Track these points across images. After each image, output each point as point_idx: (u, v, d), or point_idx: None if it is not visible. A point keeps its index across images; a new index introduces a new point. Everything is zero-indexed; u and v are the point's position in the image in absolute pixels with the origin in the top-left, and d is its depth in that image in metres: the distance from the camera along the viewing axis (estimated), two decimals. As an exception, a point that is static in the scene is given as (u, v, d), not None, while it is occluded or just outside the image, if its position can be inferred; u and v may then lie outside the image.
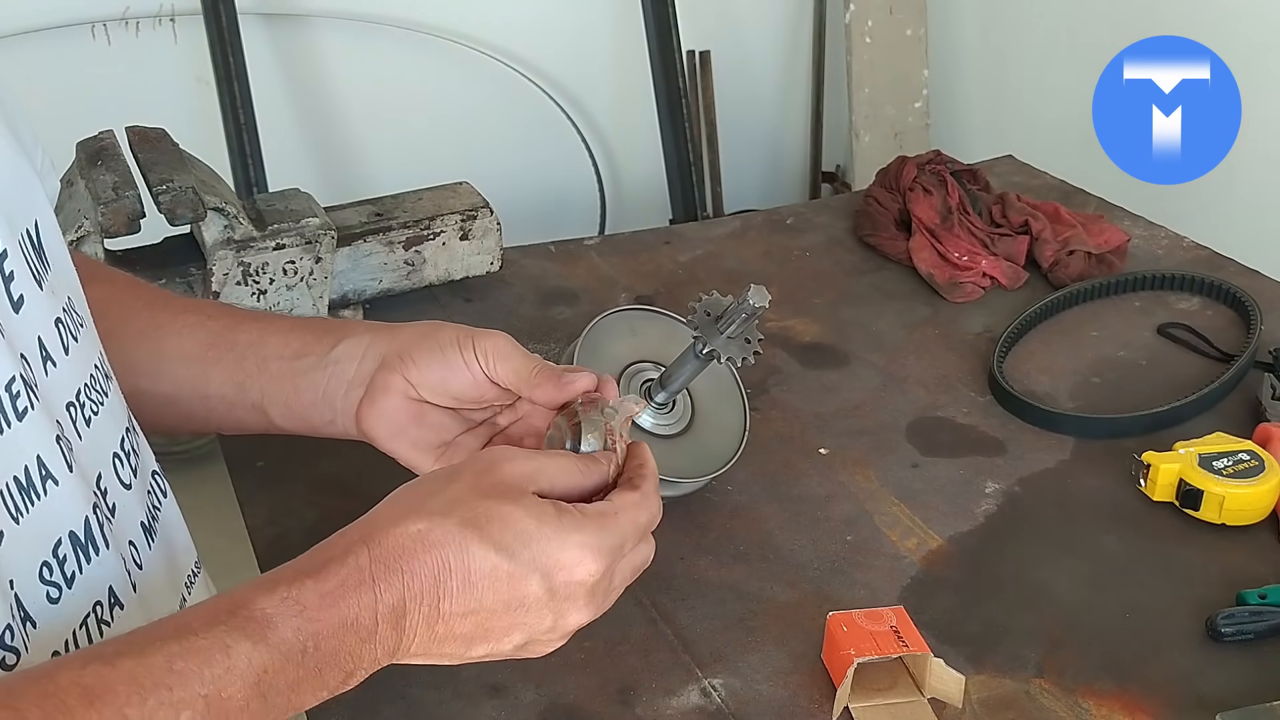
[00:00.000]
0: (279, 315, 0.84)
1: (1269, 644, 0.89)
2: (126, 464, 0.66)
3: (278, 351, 0.79)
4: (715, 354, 0.92)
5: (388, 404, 0.77)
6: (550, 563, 0.61)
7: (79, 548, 0.58)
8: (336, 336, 0.79)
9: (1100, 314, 1.33)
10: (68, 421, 0.61)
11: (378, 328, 0.80)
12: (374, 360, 0.77)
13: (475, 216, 1.32)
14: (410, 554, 0.59)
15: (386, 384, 0.77)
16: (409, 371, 0.76)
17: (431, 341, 0.77)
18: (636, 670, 0.88)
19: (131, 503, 0.65)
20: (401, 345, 0.77)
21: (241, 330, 0.81)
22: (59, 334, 0.62)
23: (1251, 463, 1.01)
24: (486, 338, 0.76)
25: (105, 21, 2.28)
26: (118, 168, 1.13)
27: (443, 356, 0.76)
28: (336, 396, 0.78)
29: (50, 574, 0.56)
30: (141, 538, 0.66)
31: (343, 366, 0.78)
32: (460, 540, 0.60)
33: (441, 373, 0.76)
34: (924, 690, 0.84)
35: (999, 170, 1.64)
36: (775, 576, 0.96)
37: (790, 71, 2.90)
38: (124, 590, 0.62)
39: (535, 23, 2.60)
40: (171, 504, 0.72)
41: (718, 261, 1.45)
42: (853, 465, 1.09)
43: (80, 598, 0.58)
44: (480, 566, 0.60)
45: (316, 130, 2.53)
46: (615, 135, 2.77)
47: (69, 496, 0.58)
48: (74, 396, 0.62)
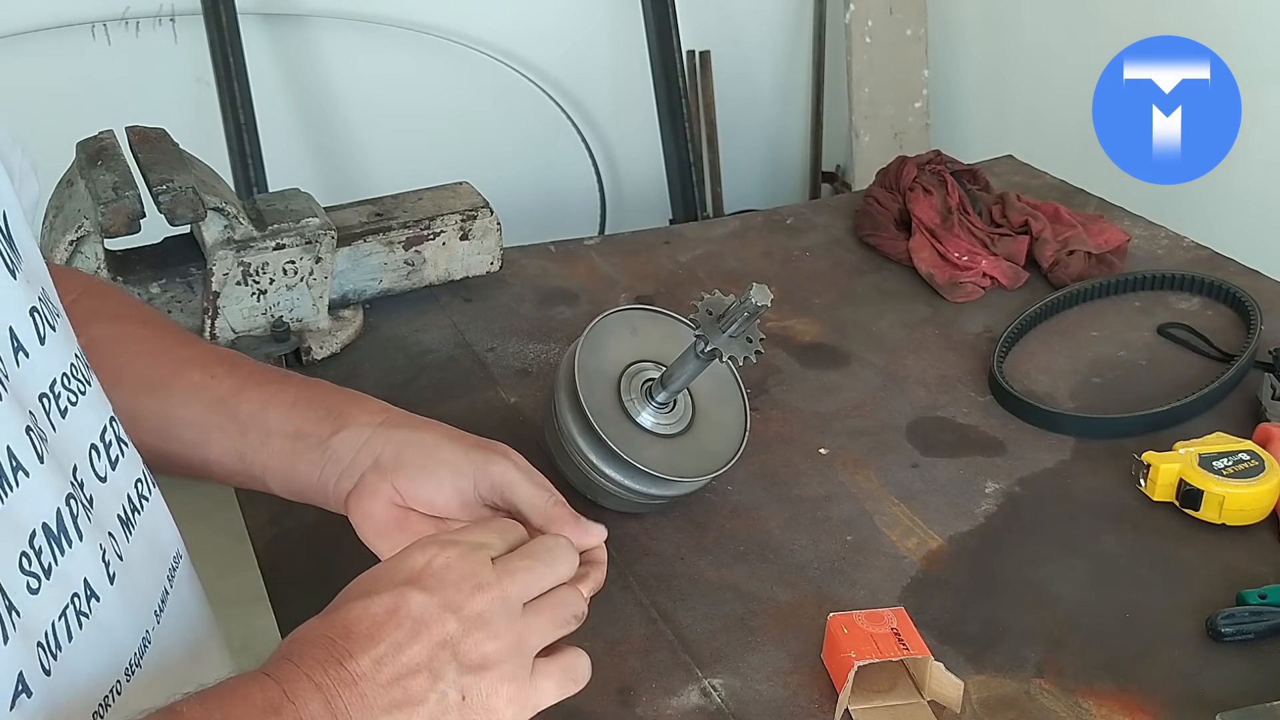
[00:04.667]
0: (283, 379, 0.83)
1: (1269, 644, 0.89)
2: (105, 456, 0.65)
3: (279, 428, 0.80)
4: (717, 353, 0.93)
5: (374, 506, 0.77)
6: (407, 569, 0.63)
7: (52, 540, 0.58)
8: (338, 422, 0.79)
9: (1100, 314, 1.33)
10: (41, 412, 0.61)
11: (380, 417, 0.80)
12: (368, 458, 0.78)
13: (475, 216, 1.32)
14: (296, 645, 0.61)
15: (375, 488, 0.77)
16: (398, 481, 0.76)
17: (429, 457, 0.77)
18: (636, 670, 0.87)
19: (109, 495, 0.65)
20: (397, 451, 0.77)
21: (245, 398, 0.81)
22: (34, 323, 0.62)
23: (1251, 463, 1.01)
24: (492, 466, 0.76)
25: (105, 21, 2.28)
26: (118, 168, 1.13)
27: (434, 478, 0.76)
28: (330, 482, 0.79)
29: (29, 564, 0.56)
30: (120, 530, 0.65)
31: (339, 455, 0.78)
32: (332, 612, 0.62)
33: (430, 492, 0.76)
34: (924, 692, 0.85)
35: (999, 170, 1.64)
36: (775, 576, 0.96)
37: (790, 71, 2.90)
38: (100, 583, 0.61)
39: (535, 23, 2.60)
40: (158, 496, 0.71)
41: (718, 261, 1.45)
42: (853, 465, 1.09)
43: (58, 589, 0.58)
44: (355, 614, 0.61)
45: (316, 130, 2.53)
46: (615, 135, 2.76)
47: (41, 488, 0.58)
48: (48, 387, 0.62)
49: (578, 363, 0.97)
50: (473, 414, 1.16)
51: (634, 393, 0.99)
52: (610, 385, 0.99)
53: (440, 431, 0.79)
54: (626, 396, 0.99)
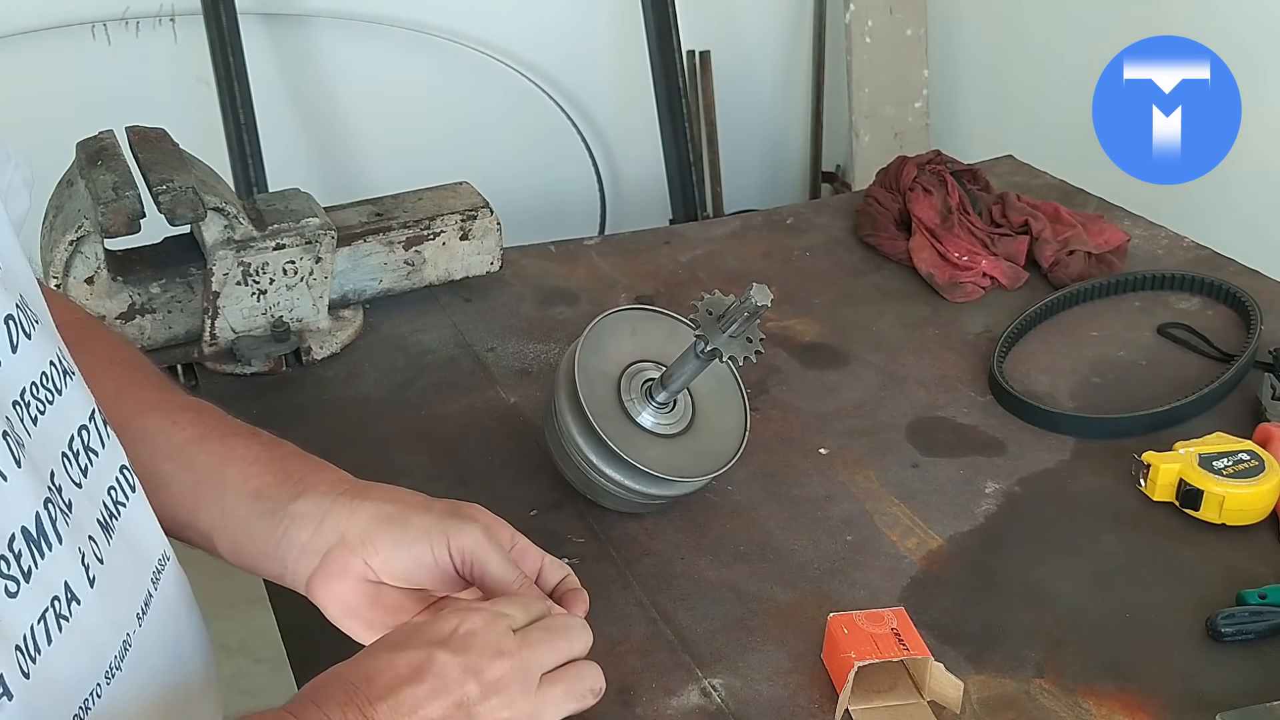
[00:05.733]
0: (249, 435, 0.79)
1: (1269, 644, 0.89)
2: (76, 463, 0.65)
3: (236, 485, 0.76)
4: (717, 353, 0.93)
5: (343, 586, 0.74)
6: (438, 631, 0.66)
7: (31, 543, 0.58)
8: (299, 487, 0.76)
9: (1100, 314, 1.33)
10: (15, 419, 0.60)
11: (341, 488, 0.76)
12: (332, 534, 0.74)
13: (475, 216, 1.32)
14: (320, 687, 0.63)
15: (344, 566, 0.73)
16: (370, 557, 0.73)
17: (399, 531, 0.73)
18: (636, 670, 0.87)
19: (86, 500, 0.65)
20: (364, 527, 0.74)
21: (204, 449, 0.77)
22: (8, 332, 0.61)
23: (1251, 463, 1.01)
24: (461, 535, 0.73)
25: (105, 21, 2.28)
26: (118, 168, 1.13)
27: (410, 551, 0.73)
28: (289, 555, 0.75)
29: (8, 568, 0.57)
30: (100, 534, 0.65)
31: (299, 525, 0.75)
32: (359, 659, 0.65)
33: (406, 566, 0.74)
34: (924, 693, 0.84)
35: (999, 170, 1.64)
36: (775, 576, 0.96)
37: (790, 71, 2.90)
38: (80, 586, 0.61)
39: (535, 23, 2.60)
40: (139, 499, 0.70)
41: (718, 261, 1.45)
42: (853, 465, 1.09)
43: (37, 592, 0.58)
44: (381, 664, 0.64)
45: (316, 130, 2.53)
46: (615, 135, 2.77)
47: (19, 492, 0.58)
48: (19, 395, 0.62)
49: (578, 363, 0.97)
50: (473, 414, 1.16)
51: (634, 393, 0.99)
52: (610, 385, 0.99)
53: (408, 501, 0.76)
54: (626, 396, 0.99)
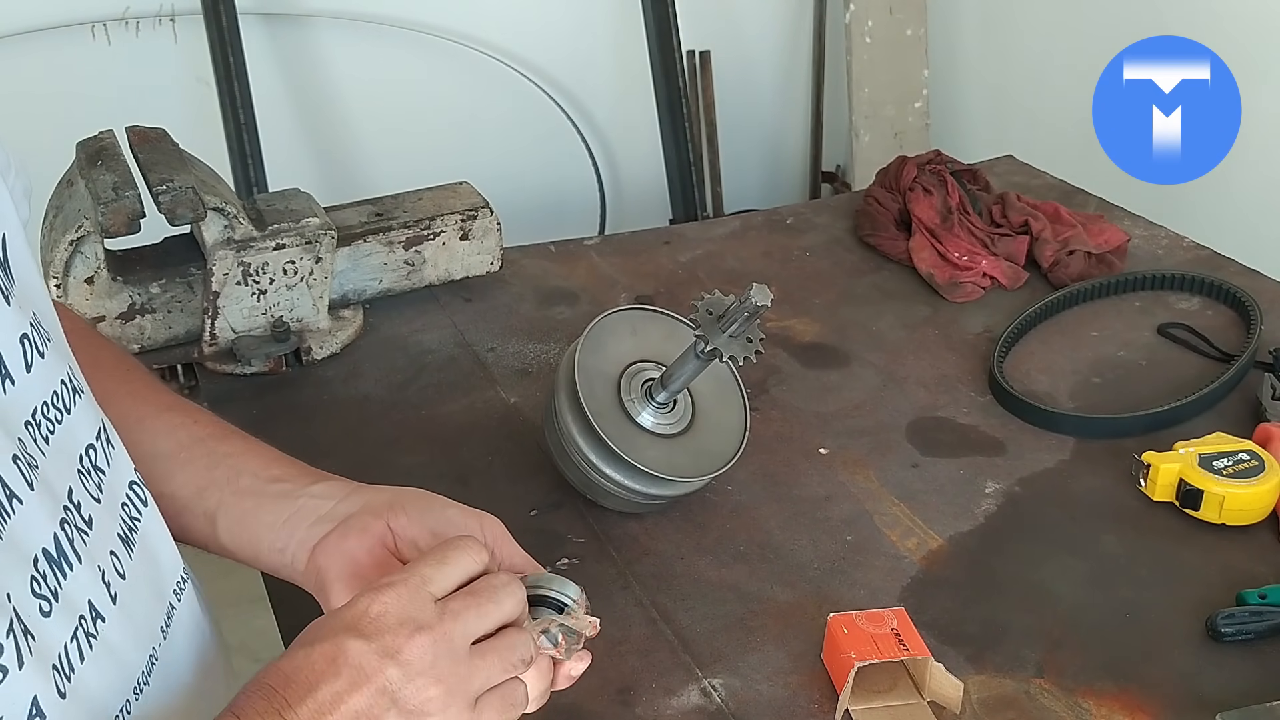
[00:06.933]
0: (266, 445, 0.82)
1: (1269, 644, 0.89)
2: (90, 479, 0.65)
3: (254, 470, 0.78)
4: (717, 353, 0.93)
5: (359, 543, 0.73)
6: (347, 617, 0.61)
7: (53, 564, 0.58)
8: (318, 477, 0.78)
9: (1100, 314, 1.33)
10: (28, 438, 0.60)
11: (355, 485, 0.78)
12: (356, 504, 0.75)
13: (475, 216, 1.32)
14: (241, 696, 0.59)
15: (365, 525, 0.73)
16: (396, 518, 0.73)
17: (429, 499, 0.75)
18: (636, 670, 0.88)
19: (105, 515, 0.65)
20: (392, 497, 0.75)
21: (226, 441, 0.79)
22: (23, 351, 0.61)
23: (1251, 463, 1.01)
24: (491, 524, 0.74)
25: (105, 21, 2.28)
26: (118, 168, 1.13)
27: (443, 514, 0.73)
28: (299, 527, 0.75)
29: (39, 587, 0.56)
30: (121, 549, 0.65)
31: (318, 502, 0.76)
32: (276, 661, 0.61)
33: (437, 525, 0.73)
34: (924, 693, 0.85)
35: (999, 170, 1.64)
36: (775, 576, 0.96)
37: (790, 71, 2.90)
38: (103, 603, 0.61)
39: (535, 23, 2.60)
40: (153, 513, 0.71)
41: (718, 261, 1.45)
42: (853, 465, 1.09)
43: (66, 611, 0.58)
44: (296, 663, 0.60)
45: (316, 130, 2.53)
46: (615, 135, 2.76)
47: (35, 514, 0.58)
48: (31, 415, 0.61)
49: (578, 363, 0.97)
50: (473, 414, 1.16)
51: (634, 393, 0.99)
52: (610, 385, 0.99)
53: (418, 490, 0.77)
54: (626, 396, 0.99)
